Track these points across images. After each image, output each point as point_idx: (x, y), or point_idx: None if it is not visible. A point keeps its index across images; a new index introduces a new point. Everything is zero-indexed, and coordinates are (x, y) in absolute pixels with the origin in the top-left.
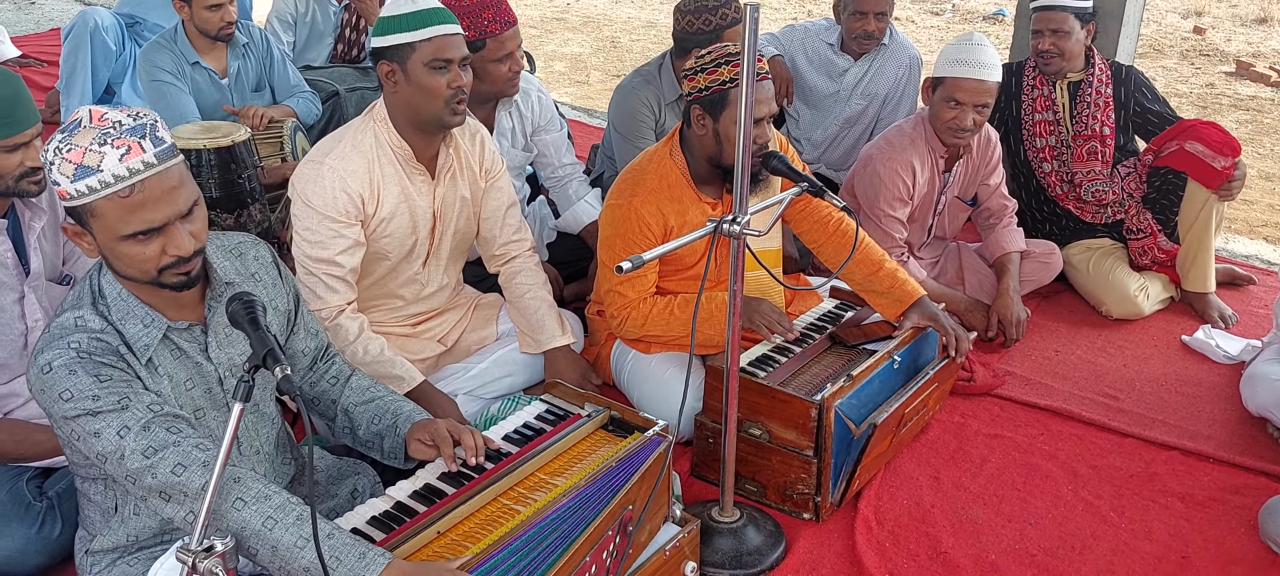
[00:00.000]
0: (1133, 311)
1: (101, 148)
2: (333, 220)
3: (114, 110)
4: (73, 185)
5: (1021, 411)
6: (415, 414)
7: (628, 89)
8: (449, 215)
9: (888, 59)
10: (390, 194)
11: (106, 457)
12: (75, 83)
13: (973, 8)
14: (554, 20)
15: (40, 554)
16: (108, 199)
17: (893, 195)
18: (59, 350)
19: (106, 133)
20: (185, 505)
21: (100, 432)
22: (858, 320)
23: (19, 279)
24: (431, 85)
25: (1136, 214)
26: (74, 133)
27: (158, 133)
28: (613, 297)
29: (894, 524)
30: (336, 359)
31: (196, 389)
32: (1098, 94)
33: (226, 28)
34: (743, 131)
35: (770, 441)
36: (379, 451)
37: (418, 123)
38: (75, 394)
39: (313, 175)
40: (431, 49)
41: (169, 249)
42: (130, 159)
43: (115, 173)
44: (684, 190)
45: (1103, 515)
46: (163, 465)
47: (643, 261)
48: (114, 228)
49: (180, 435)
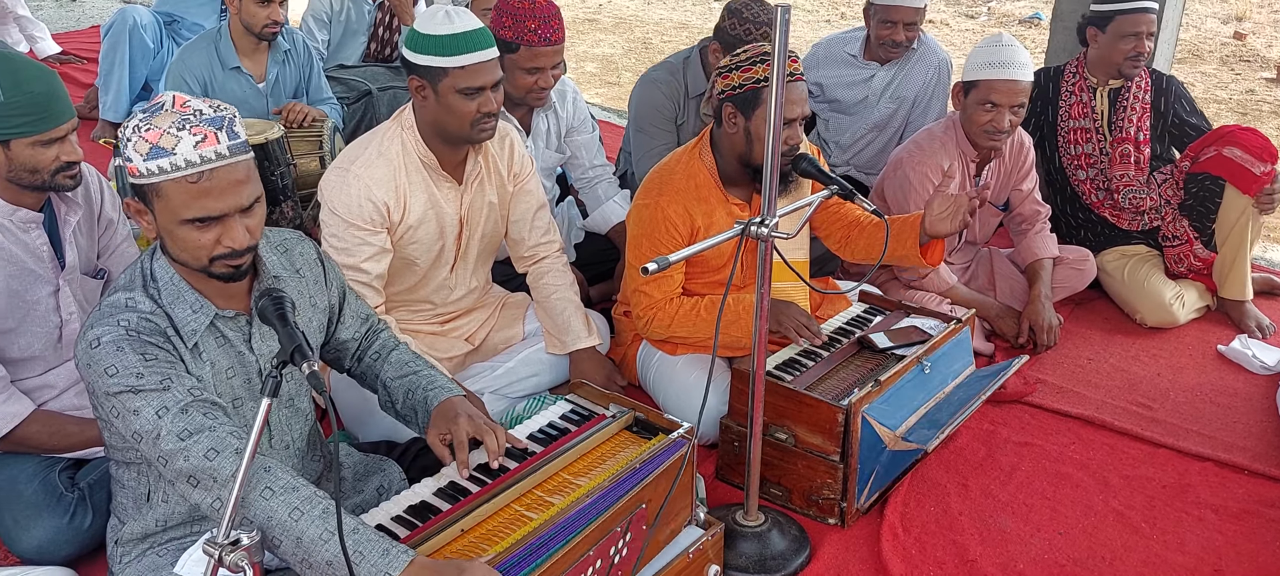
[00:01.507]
0: (1168, 320)
1: (179, 132)
2: (358, 228)
3: (196, 99)
4: (145, 163)
5: (1052, 419)
6: (446, 388)
7: (648, 80)
8: (475, 221)
9: (916, 62)
10: (417, 202)
11: (142, 436)
12: (112, 80)
13: (1008, 11)
14: (586, 21)
15: (71, 544)
16: (175, 182)
17: (923, 198)
18: (108, 326)
19: (186, 119)
20: (213, 492)
21: (139, 410)
22: (887, 325)
23: (54, 272)
24: (461, 109)
25: (1173, 221)
26: (155, 114)
27: (234, 127)
28: (639, 298)
29: (921, 531)
30: (382, 333)
31: (237, 378)
32: (1136, 100)
33: (271, 27)
34: (773, 131)
35: (796, 446)
36: (416, 426)
37: (444, 137)
38: (120, 370)
39: (339, 183)
40: (464, 77)
41: (224, 240)
42: (204, 147)
43: (187, 158)
44: (712, 191)
45: (1134, 526)
46: (196, 449)
47: (669, 263)
48: (176, 210)
49: (216, 421)
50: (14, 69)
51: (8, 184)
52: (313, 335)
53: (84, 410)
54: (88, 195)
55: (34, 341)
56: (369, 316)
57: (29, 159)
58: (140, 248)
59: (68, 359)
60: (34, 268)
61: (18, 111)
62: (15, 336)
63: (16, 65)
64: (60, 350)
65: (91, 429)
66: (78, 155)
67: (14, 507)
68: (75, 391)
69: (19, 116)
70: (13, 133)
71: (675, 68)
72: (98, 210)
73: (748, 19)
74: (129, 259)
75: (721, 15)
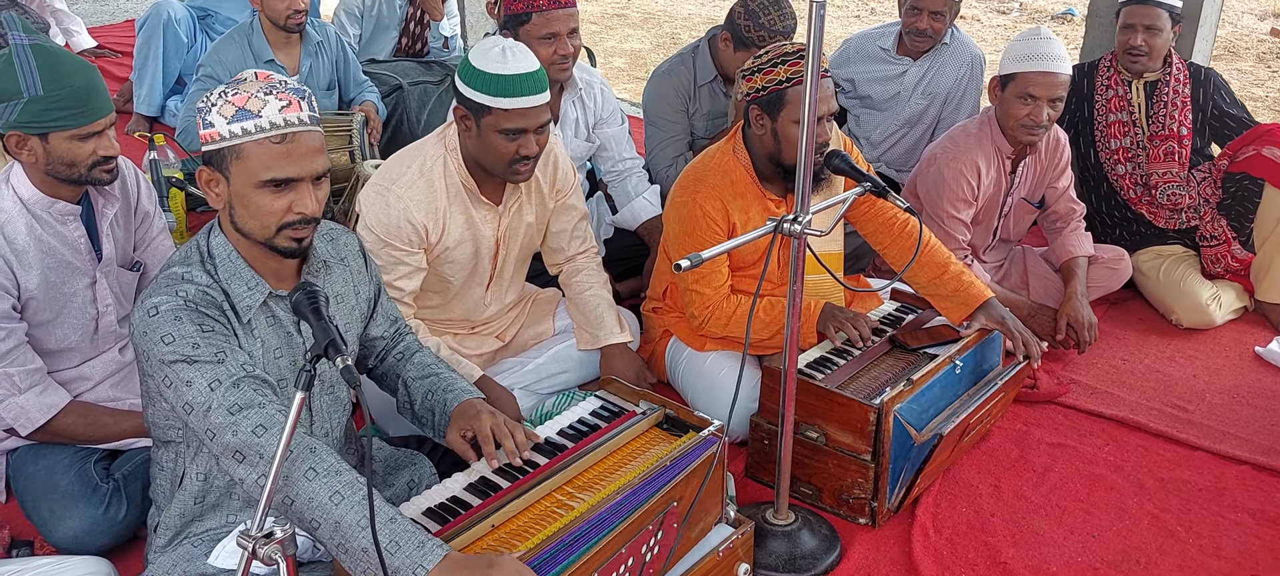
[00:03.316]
0: (1204, 320)
1: (266, 96)
2: (394, 247)
3: (277, 74)
4: (229, 126)
5: (1086, 421)
6: (466, 392)
7: (657, 74)
8: (512, 242)
9: (949, 58)
10: (455, 224)
11: (192, 407)
12: (146, 74)
13: (1041, 6)
14: (614, 16)
15: (106, 534)
16: (258, 142)
17: (956, 196)
18: (167, 296)
19: (272, 86)
20: (258, 467)
21: (192, 382)
22: (919, 323)
23: (91, 264)
24: (500, 148)
25: (1211, 220)
26: (241, 83)
27: (312, 102)
28: (692, 297)
29: (952, 532)
30: (407, 336)
31: (284, 359)
32: (1175, 94)
33: (294, 17)
34: (805, 130)
35: (827, 444)
36: (433, 427)
37: (483, 167)
38: (177, 338)
39: (379, 202)
40: (507, 119)
41: (296, 206)
42: (288, 111)
43: (272, 120)
44: (748, 187)
45: (1169, 529)
46: (245, 424)
47: (702, 259)
48: (255, 171)
49: (266, 398)
50: (54, 63)
51: (46, 177)
52: (352, 326)
53: (119, 402)
54: (124, 188)
55: (70, 333)
56: (397, 319)
57: (67, 152)
58: (176, 241)
59: (103, 351)
60: (71, 260)
61: (57, 105)
62: (52, 328)
63: (57, 59)
64: (96, 342)
65: (126, 420)
66: (115, 150)
67: (50, 498)
68: (110, 383)
69: (58, 110)
70: (51, 126)
71: (685, 56)
72: (134, 203)
73: (763, 25)
74: (164, 252)
75: (735, 7)
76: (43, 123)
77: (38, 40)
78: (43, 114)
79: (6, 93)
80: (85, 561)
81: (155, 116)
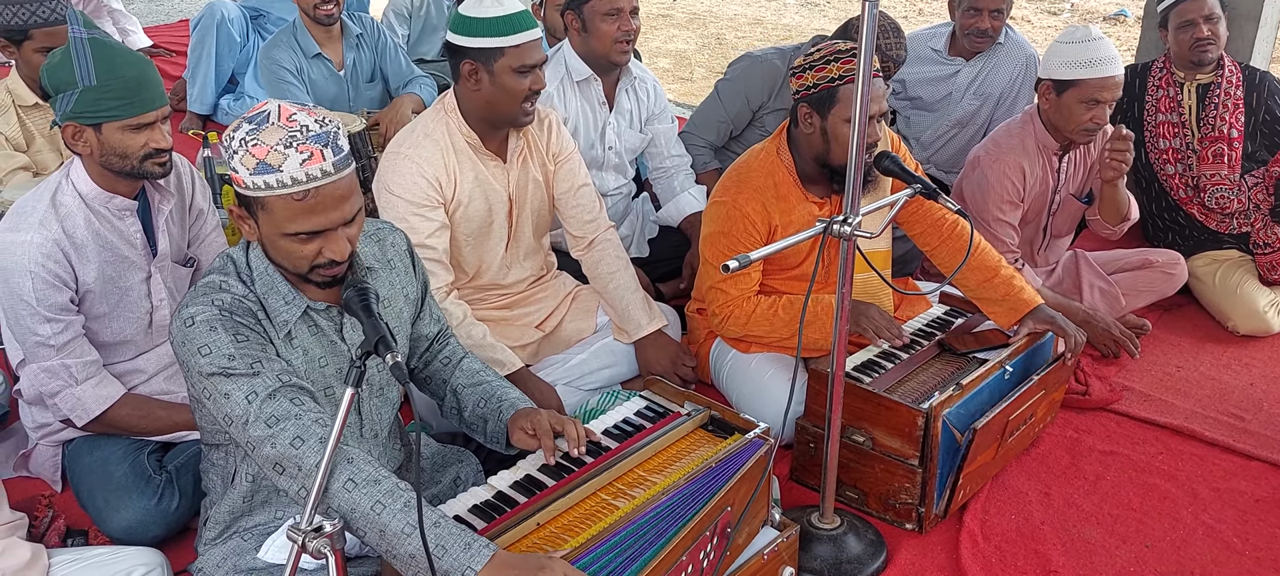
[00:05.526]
0: (1261, 328)
1: (286, 149)
2: (417, 204)
3: (302, 112)
4: (252, 177)
5: (1139, 428)
6: (520, 401)
7: (753, 55)
8: (524, 198)
9: (1003, 58)
10: (465, 179)
11: (232, 420)
12: (199, 72)
13: (1093, 7)
14: (660, 17)
15: (159, 525)
16: (281, 197)
17: (1002, 198)
18: (203, 305)
19: (293, 136)
20: (298, 480)
21: (230, 394)
22: (969, 327)
23: (146, 259)
24: (515, 88)
25: (1264, 227)
26: (262, 128)
27: (338, 141)
28: (714, 294)
29: (1001, 539)
30: (451, 341)
31: (330, 367)
32: (1227, 95)
33: (323, 8)
34: (857, 127)
35: (873, 449)
36: (482, 434)
37: (490, 119)
38: (213, 350)
39: (393, 165)
40: (518, 56)
41: (326, 251)
42: (310, 165)
43: (294, 176)
44: (790, 189)
45: (1225, 541)
46: (283, 436)
47: (749, 261)
48: (280, 224)
49: (303, 408)
50: (109, 54)
51: (102, 171)
52: (401, 326)
53: (172, 395)
54: (180, 185)
55: (126, 326)
56: (441, 320)
57: (119, 143)
58: (229, 238)
59: (157, 343)
60: (128, 254)
61: (109, 94)
62: (108, 321)
63: (111, 50)
64: (150, 335)
65: (179, 413)
66: (167, 143)
67: (105, 489)
68: (164, 376)
69: (110, 99)
70: (104, 116)
71: (784, 52)
72: (189, 200)
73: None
74: (218, 247)
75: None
76: (95, 112)
77: (96, 34)
78: (95, 104)
79: (63, 84)
80: (138, 552)
81: (209, 114)
